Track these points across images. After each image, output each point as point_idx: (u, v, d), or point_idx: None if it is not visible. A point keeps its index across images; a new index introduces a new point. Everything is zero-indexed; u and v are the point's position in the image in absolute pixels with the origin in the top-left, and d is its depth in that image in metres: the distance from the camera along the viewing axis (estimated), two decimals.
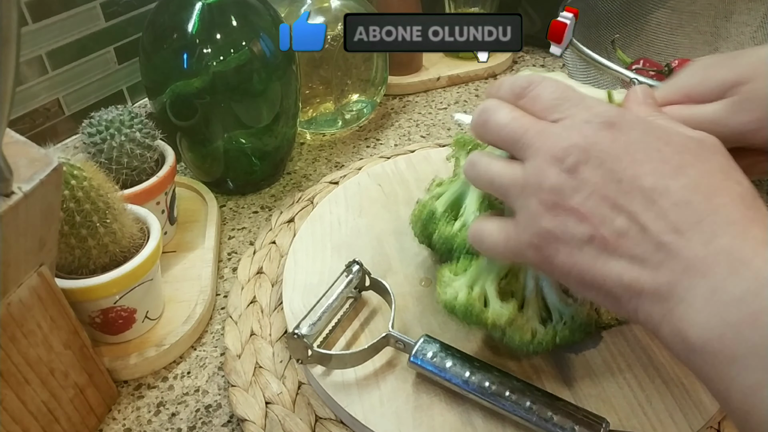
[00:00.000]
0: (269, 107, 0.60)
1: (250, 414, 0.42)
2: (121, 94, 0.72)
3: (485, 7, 0.85)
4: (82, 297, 0.43)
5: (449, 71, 0.85)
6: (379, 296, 0.48)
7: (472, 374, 0.40)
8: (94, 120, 0.51)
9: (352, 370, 0.43)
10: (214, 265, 0.55)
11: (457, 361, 0.40)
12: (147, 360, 0.46)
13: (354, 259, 0.47)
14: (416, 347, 0.41)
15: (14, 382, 0.36)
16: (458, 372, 0.40)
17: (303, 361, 0.42)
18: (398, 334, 0.42)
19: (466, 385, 0.39)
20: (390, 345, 0.43)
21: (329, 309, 0.44)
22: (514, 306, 0.40)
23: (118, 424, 0.44)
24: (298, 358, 0.42)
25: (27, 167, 0.33)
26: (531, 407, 0.38)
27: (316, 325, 0.43)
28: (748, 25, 0.74)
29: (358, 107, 0.76)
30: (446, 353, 0.41)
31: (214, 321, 0.52)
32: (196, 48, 0.55)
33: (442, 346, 0.41)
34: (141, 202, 0.50)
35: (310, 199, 0.62)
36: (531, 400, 0.38)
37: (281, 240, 0.57)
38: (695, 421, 0.40)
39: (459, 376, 0.40)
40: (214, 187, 0.64)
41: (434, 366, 0.40)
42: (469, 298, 0.39)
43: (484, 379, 0.39)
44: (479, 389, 0.39)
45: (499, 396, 0.39)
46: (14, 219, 0.31)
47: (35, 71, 0.62)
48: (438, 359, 0.41)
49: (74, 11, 0.63)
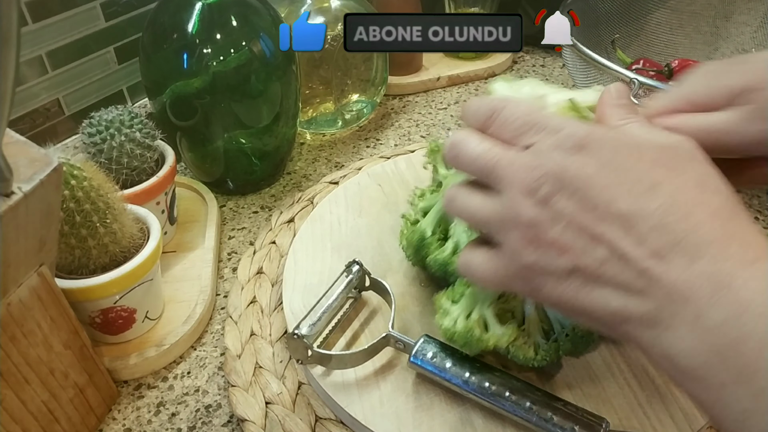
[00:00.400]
0: (269, 107, 0.60)
1: (250, 414, 0.43)
2: (121, 94, 0.72)
3: (485, 7, 0.85)
4: (82, 297, 0.43)
5: (449, 71, 0.85)
6: (379, 296, 0.48)
7: (472, 374, 0.40)
8: (94, 120, 0.51)
9: (352, 370, 0.43)
10: (214, 265, 0.55)
11: (456, 361, 0.40)
12: (147, 360, 0.46)
13: (354, 260, 0.47)
14: (416, 347, 0.41)
15: (14, 382, 0.36)
16: (458, 372, 0.40)
17: (303, 362, 0.42)
18: (398, 335, 0.42)
19: (466, 385, 0.39)
20: (390, 345, 0.43)
21: (329, 309, 0.44)
22: (514, 327, 0.40)
23: (118, 424, 0.44)
24: (298, 358, 0.42)
25: (27, 167, 0.33)
26: (531, 407, 0.38)
27: (316, 325, 0.43)
28: (748, 25, 0.74)
29: (358, 107, 0.76)
30: (446, 353, 0.41)
31: (214, 321, 0.52)
32: (196, 48, 0.55)
33: (442, 346, 0.41)
34: (141, 202, 0.50)
35: (310, 199, 0.62)
36: (531, 401, 0.38)
37: (281, 240, 0.57)
38: (695, 422, 0.40)
39: (459, 376, 0.40)
40: (214, 187, 0.64)
41: (434, 366, 0.40)
42: (467, 325, 0.39)
43: (483, 379, 0.39)
44: (479, 389, 0.39)
45: (499, 396, 0.39)
46: (14, 219, 0.31)
47: (35, 71, 0.62)
48: (438, 359, 0.41)
49: (74, 11, 0.63)
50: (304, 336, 0.41)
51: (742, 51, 0.74)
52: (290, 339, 0.42)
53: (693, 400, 0.27)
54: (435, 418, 0.40)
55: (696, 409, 0.40)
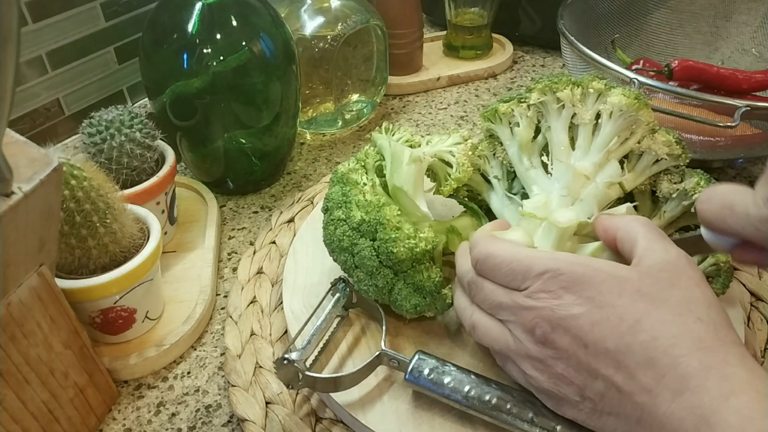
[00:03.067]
0: (269, 107, 0.60)
1: (251, 414, 0.43)
2: (121, 94, 0.72)
3: (485, 7, 0.85)
4: (82, 297, 0.43)
5: (449, 71, 0.85)
6: (367, 313, 0.47)
7: (472, 389, 0.39)
8: (94, 120, 0.51)
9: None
10: (214, 265, 0.55)
11: (455, 375, 0.39)
12: (147, 360, 0.46)
13: (340, 277, 0.46)
14: (412, 364, 0.40)
15: (14, 382, 0.36)
16: (457, 388, 0.39)
17: (294, 387, 0.40)
18: (392, 353, 0.41)
19: (466, 400, 0.38)
20: (384, 364, 0.42)
21: (318, 331, 0.43)
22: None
23: (118, 424, 0.44)
24: (289, 383, 0.40)
25: (27, 167, 0.33)
26: (533, 419, 0.37)
27: (306, 348, 0.41)
28: (748, 25, 0.74)
29: (358, 107, 0.76)
30: (443, 368, 0.40)
31: (214, 321, 0.52)
32: (196, 48, 0.55)
33: (438, 361, 0.40)
34: (141, 202, 0.50)
35: (310, 199, 0.62)
36: (533, 412, 0.37)
37: (281, 240, 0.57)
38: None
39: (458, 392, 0.39)
40: (214, 187, 0.64)
41: (432, 383, 0.39)
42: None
43: (484, 393, 0.38)
44: (480, 404, 0.38)
45: (500, 410, 0.38)
46: (14, 219, 0.31)
47: (35, 71, 0.62)
48: (435, 375, 0.39)
49: (74, 11, 0.64)
50: (295, 361, 0.39)
51: (742, 51, 0.74)
52: (279, 365, 0.40)
53: None
54: (435, 418, 0.40)
55: None
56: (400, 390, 0.42)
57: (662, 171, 0.46)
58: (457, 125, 0.76)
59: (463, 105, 0.81)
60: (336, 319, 0.46)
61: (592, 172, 0.43)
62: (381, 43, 0.74)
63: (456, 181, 0.48)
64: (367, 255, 0.42)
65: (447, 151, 0.49)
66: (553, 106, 0.46)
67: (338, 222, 0.43)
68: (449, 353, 0.44)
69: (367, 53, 0.74)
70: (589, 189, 0.43)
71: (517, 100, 0.48)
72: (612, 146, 0.44)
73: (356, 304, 0.47)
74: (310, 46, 0.68)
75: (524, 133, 0.47)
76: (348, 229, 0.43)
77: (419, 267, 0.42)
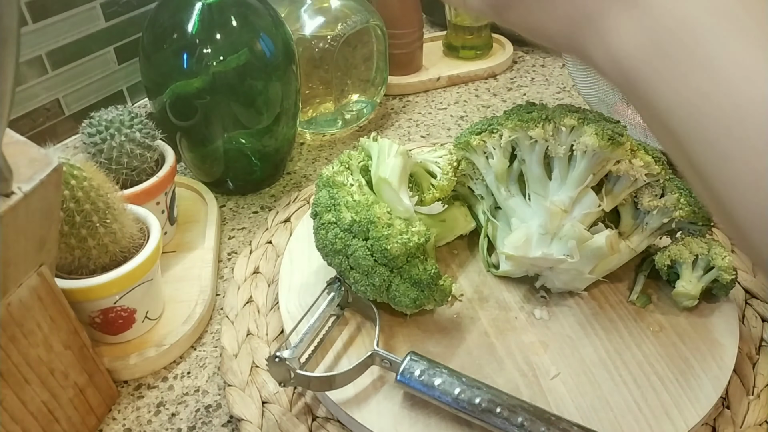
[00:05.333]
0: (269, 107, 0.60)
1: (247, 414, 0.43)
2: (121, 94, 0.72)
3: None
4: (82, 297, 0.43)
5: (449, 71, 0.85)
6: (362, 312, 0.47)
7: (462, 391, 0.39)
8: (94, 120, 0.51)
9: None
10: (214, 265, 0.56)
11: (445, 378, 0.39)
12: (147, 360, 0.47)
13: (335, 276, 0.46)
14: (403, 365, 0.40)
15: (14, 382, 0.36)
16: (447, 390, 0.39)
17: (285, 384, 0.40)
18: (384, 353, 0.41)
19: (456, 402, 0.38)
20: (376, 364, 0.42)
21: (311, 330, 0.43)
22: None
23: (118, 425, 0.44)
24: (281, 381, 0.40)
25: (27, 167, 0.33)
26: (523, 424, 0.37)
27: (299, 347, 0.41)
28: None
29: (358, 107, 0.76)
30: (434, 370, 0.40)
31: (214, 321, 0.52)
32: (196, 48, 0.55)
33: (430, 363, 0.40)
34: (141, 202, 0.50)
35: (306, 199, 0.62)
36: (523, 417, 0.37)
37: (277, 240, 0.57)
38: (690, 418, 0.40)
39: (448, 394, 0.39)
40: (214, 187, 0.64)
41: (422, 384, 0.39)
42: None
43: (474, 396, 0.38)
44: (470, 407, 0.38)
45: (490, 413, 0.38)
46: (14, 219, 0.32)
47: (35, 71, 0.62)
48: (426, 377, 0.39)
49: (74, 11, 0.64)
50: (287, 359, 0.40)
51: None
52: (272, 362, 0.40)
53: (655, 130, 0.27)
54: (431, 416, 0.40)
55: (691, 406, 0.40)
56: (396, 389, 0.42)
57: (643, 185, 0.46)
58: (457, 125, 0.76)
59: (463, 105, 0.81)
60: (331, 317, 0.46)
61: (570, 206, 0.44)
62: (381, 43, 0.74)
63: (439, 190, 0.49)
64: (361, 255, 0.42)
65: (432, 161, 0.50)
66: (526, 142, 0.46)
67: (329, 225, 0.44)
68: (445, 352, 0.44)
69: (367, 53, 0.74)
70: (566, 228, 0.44)
71: (488, 132, 0.48)
72: (589, 182, 0.44)
73: (351, 303, 0.47)
74: (309, 46, 0.68)
75: (498, 165, 0.48)
76: (339, 231, 0.43)
77: (414, 261, 0.42)
